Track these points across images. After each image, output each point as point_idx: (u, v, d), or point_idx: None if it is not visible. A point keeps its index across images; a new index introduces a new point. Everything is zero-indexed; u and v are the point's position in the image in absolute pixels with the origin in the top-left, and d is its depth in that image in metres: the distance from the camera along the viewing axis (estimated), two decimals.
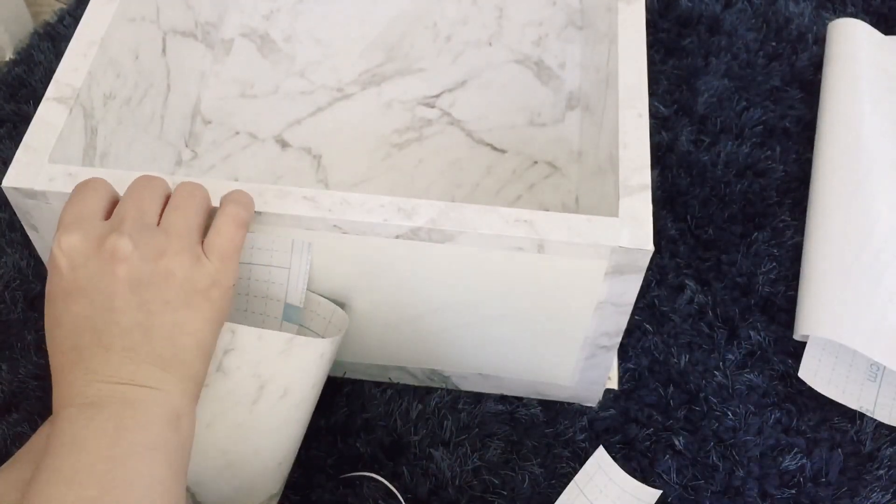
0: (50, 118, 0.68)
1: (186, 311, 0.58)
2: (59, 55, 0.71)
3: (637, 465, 0.78)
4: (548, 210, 0.83)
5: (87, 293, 0.56)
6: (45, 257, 0.72)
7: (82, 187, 0.61)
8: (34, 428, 0.77)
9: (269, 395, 0.65)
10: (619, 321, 0.70)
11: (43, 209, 0.66)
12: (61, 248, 0.57)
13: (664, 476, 0.77)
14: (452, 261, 0.66)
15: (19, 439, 0.77)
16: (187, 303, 0.58)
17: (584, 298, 0.68)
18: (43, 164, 0.65)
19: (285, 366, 0.64)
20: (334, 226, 0.64)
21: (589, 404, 0.80)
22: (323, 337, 0.70)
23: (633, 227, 0.64)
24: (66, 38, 0.73)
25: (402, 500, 0.75)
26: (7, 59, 1.03)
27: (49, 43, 1.02)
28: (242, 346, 0.63)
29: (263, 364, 0.64)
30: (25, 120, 0.68)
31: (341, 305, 0.71)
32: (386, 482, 0.75)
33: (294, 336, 0.64)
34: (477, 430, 0.79)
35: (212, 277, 0.59)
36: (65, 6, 1.07)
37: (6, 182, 0.64)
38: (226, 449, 0.66)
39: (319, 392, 0.70)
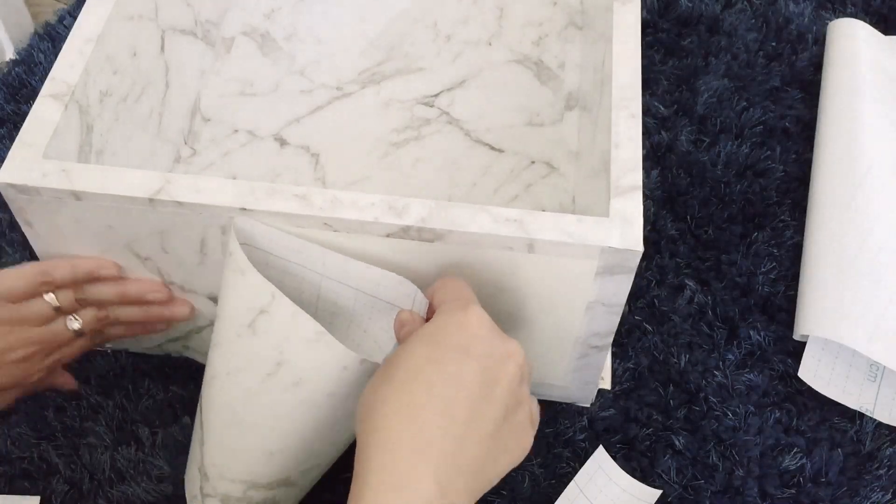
0: (45, 115, 0.68)
1: (520, 439, 0.60)
2: (59, 55, 0.72)
3: (637, 464, 0.77)
4: (544, 210, 0.83)
5: (481, 360, 0.57)
6: (40, 253, 0.72)
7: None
8: (33, 429, 0.78)
9: (282, 376, 0.65)
10: (611, 321, 0.70)
11: (37, 205, 0.66)
12: (476, 311, 0.59)
13: (664, 476, 0.77)
14: (443, 260, 0.66)
15: (19, 441, 0.77)
16: (523, 433, 0.60)
17: (574, 298, 0.68)
18: (37, 160, 0.66)
19: (306, 356, 0.64)
20: (325, 224, 0.64)
21: (583, 404, 0.80)
22: None
23: (624, 228, 0.63)
24: (67, 39, 0.73)
25: None
26: (7, 59, 1.03)
27: (49, 43, 1.02)
28: (276, 315, 0.63)
29: (288, 343, 0.64)
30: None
31: None
32: None
33: (325, 332, 0.63)
34: None
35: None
36: (65, 6, 1.07)
37: (0, 177, 0.65)
38: (235, 407, 0.66)
39: (338, 410, 0.67)
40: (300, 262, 0.66)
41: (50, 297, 0.70)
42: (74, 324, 0.71)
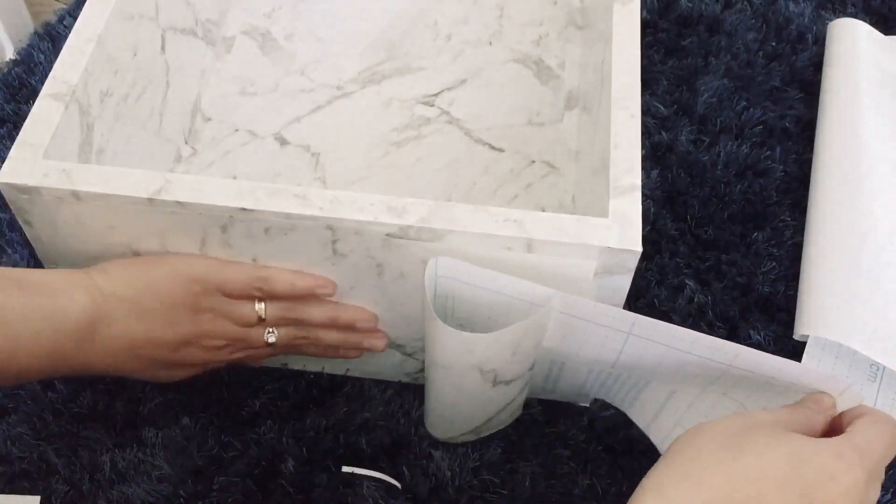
0: (46, 114, 0.68)
1: None
2: (59, 55, 0.72)
3: (637, 465, 0.77)
4: (544, 210, 0.83)
5: (807, 489, 0.54)
6: (40, 253, 0.73)
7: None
8: (33, 429, 0.78)
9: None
10: None
11: (37, 204, 0.66)
12: (861, 481, 0.55)
13: None
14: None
15: (18, 440, 0.77)
16: None
17: None
18: (37, 160, 0.66)
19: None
20: (325, 225, 0.64)
21: (583, 404, 0.80)
22: None
23: (623, 228, 0.64)
24: (67, 39, 0.73)
25: (397, 485, 0.75)
26: (7, 59, 1.03)
27: (49, 43, 1.02)
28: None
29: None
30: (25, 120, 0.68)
31: None
32: (387, 477, 0.75)
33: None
34: None
35: None
36: (65, 6, 1.07)
37: (0, 177, 0.65)
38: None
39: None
40: (705, 355, 0.64)
41: (259, 308, 0.71)
42: (271, 337, 0.72)
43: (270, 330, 0.72)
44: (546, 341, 0.68)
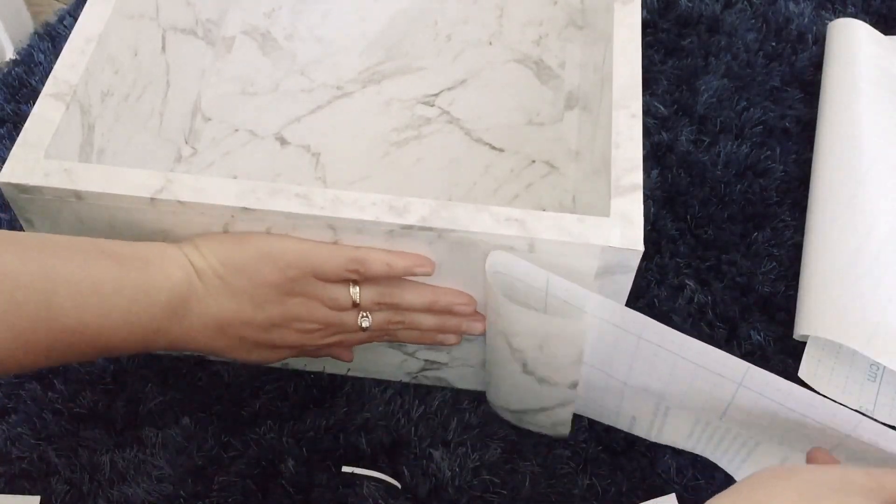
0: (47, 114, 0.68)
1: None
2: (59, 55, 0.72)
3: (637, 465, 0.77)
4: (545, 209, 0.83)
5: None
6: None
7: None
8: (33, 429, 0.78)
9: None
10: None
11: (39, 204, 0.66)
12: None
13: (664, 476, 0.77)
14: (443, 259, 0.66)
15: (19, 440, 0.77)
16: None
17: None
18: (39, 160, 0.66)
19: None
20: (327, 224, 0.64)
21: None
22: None
23: (624, 227, 0.64)
24: (67, 39, 0.73)
25: (397, 485, 0.75)
26: (7, 59, 1.03)
27: (49, 43, 1.02)
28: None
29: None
30: (25, 120, 0.68)
31: None
32: (387, 477, 0.75)
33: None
34: (478, 430, 0.78)
35: None
36: (65, 6, 1.07)
37: (1, 177, 0.65)
38: None
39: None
40: (821, 420, 0.61)
41: (354, 292, 0.68)
42: (365, 321, 0.69)
43: (364, 314, 0.69)
44: (652, 379, 0.67)
